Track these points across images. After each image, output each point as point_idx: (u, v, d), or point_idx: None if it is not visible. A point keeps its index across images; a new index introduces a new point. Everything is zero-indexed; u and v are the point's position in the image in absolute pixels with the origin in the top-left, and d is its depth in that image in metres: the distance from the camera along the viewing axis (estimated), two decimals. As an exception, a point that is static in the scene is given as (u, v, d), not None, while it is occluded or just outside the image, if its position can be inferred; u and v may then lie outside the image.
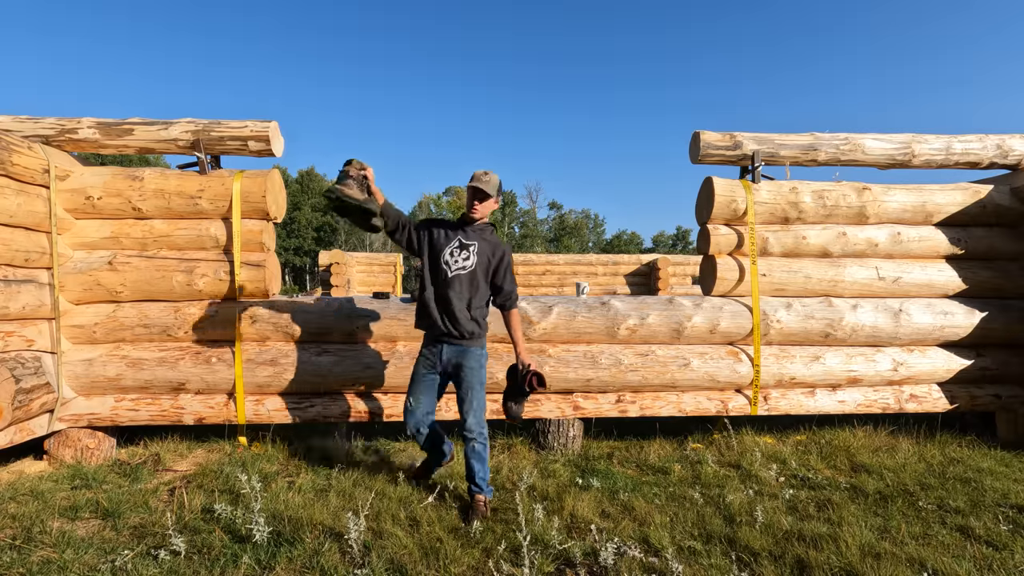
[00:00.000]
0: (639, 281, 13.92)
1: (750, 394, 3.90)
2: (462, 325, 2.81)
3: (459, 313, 2.81)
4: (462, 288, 2.81)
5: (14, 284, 3.17)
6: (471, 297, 2.85)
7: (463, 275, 2.82)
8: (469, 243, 2.85)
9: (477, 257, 2.84)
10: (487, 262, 2.88)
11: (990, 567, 2.30)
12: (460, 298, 2.81)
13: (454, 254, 2.83)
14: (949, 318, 3.98)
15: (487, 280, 2.90)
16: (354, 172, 2.73)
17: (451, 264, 2.82)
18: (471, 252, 2.84)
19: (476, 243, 2.85)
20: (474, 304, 2.85)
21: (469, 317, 2.84)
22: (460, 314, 2.81)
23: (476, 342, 2.90)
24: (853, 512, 2.82)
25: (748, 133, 4.00)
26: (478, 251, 2.85)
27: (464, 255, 2.83)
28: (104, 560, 2.31)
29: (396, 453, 3.73)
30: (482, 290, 2.88)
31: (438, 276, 2.84)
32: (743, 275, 3.96)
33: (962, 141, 4.13)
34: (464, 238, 2.86)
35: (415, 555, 2.37)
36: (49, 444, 3.54)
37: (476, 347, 2.90)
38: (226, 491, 3.03)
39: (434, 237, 2.88)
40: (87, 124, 3.61)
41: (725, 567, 2.30)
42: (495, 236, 2.98)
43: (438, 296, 2.84)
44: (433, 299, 2.85)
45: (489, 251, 2.89)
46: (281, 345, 3.71)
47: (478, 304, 2.87)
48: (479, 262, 2.84)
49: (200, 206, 3.64)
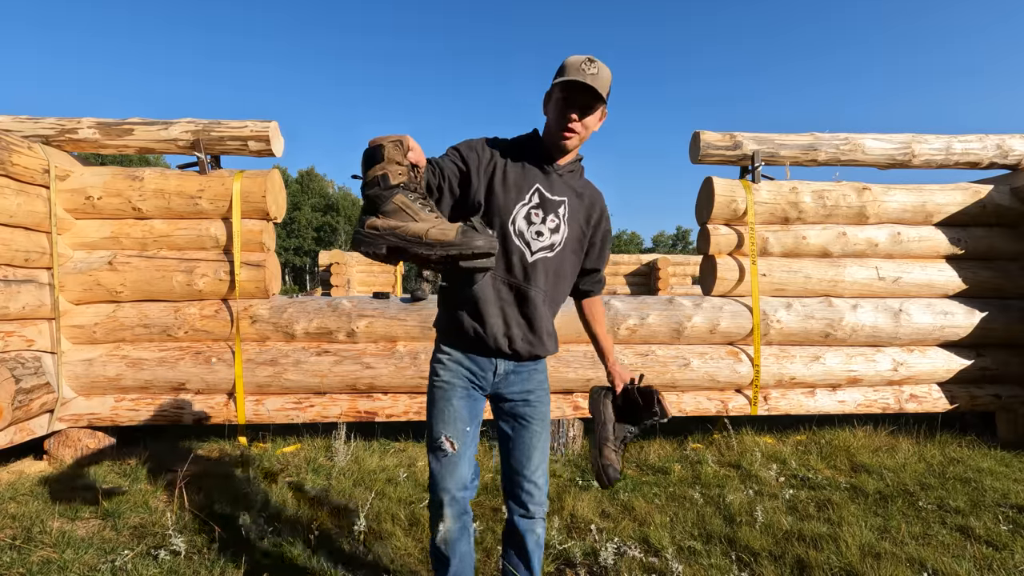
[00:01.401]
0: (639, 281, 13.93)
1: (750, 394, 3.90)
2: (544, 342, 1.68)
3: (541, 322, 1.66)
4: (546, 280, 1.65)
5: (14, 284, 3.17)
6: (555, 295, 1.71)
7: (549, 259, 1.64)
8: (556, 200, 1.63)
9: (568, 227, 1.66)
10: (580, 233, 1.70)
11: (990, 567, 2.30)
12: (543, 297, 1.65)
13: (533, 221, 1.60)
14: (949, 318, 3.98)
15: (579, 262, 1.76)
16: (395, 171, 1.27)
17: (530, 240, 1.61)
18: (560, 218, 1.64)
19: (566, 199, 1.65)
20: (557, 303, 1.74)
21: (550, 330, 1.72)
22: (542, 323, 1.66)
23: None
24: (853, 512, 2.82)
25: (748, 133, 4.00)
26: (569, 215, 1.66)
27: (552, 222, 1.62)
28: (104, 560, 2.31)
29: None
30: (570, 280, 1.77)
31: (508, 259, 1.61)
32: (743, 275, 3.96)
33: (962, 141, 4.13)
34: (547, 189, 1.63)
35: (415, 555, 2.37)
36: (49, 444, 3.54)
37: (544, 363, 1.80)
38: (226, 491, 3.03)
39: (494, 188, 1.60)
40: (87, 124, 3.61)
41: (725, 567, 2.30)
42: (590, 183, 1.77)
43: (507, 293, 1.62)
44: (493, 299, 1.61)
45: (584, 213, 1.71)
46: (281, 345, 3.71)
47: (559, 301, 1.75)
48: (570, 235, 1.66)
49: (200, 206, 3.64)
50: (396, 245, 1.24)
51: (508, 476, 1.73)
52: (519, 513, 1.71)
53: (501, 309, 1.62)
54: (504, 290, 1.61)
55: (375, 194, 1.27)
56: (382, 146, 1.26)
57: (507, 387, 1.69)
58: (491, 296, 1.61)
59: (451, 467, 1.61)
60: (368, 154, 1.29)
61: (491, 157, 1.61)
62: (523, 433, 1.70)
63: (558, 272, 1.67)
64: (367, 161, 1.29)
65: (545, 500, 1.74)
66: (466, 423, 1.64)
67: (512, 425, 1.71)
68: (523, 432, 1.70)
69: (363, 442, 3.82)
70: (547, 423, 1.74)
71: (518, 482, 1.70)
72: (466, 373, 1.66)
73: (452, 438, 1.61)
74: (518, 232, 1.60)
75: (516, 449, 1.70)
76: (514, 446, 1.70)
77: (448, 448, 1.60)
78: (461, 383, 1.66)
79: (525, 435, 1.70)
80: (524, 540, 1.71)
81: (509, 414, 1.71)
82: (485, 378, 1.67)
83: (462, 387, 1.65)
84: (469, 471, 1.64)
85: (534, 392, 1.72)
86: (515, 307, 1.63)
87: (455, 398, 1.64)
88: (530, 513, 1.70)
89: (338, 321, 3.69)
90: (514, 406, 1.70)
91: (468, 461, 1.64)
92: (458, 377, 1.66)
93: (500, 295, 1.61)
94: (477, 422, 1.69)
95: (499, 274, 1.61)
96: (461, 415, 1.63)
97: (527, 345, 1.65)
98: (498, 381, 1.68)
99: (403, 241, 1.23)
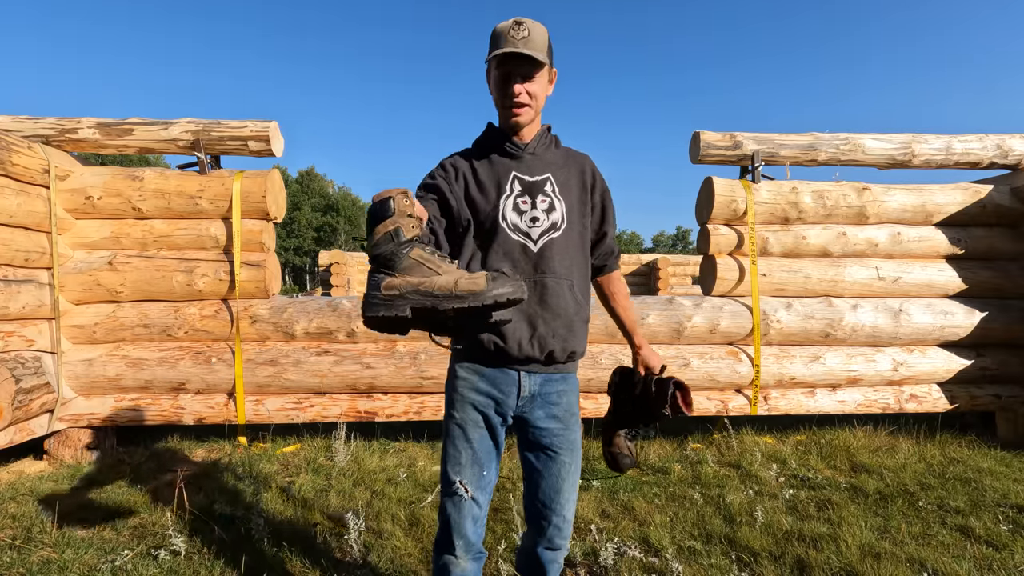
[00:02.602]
0: (639, 281, 13.94)
1: (750, 394, 3.90)
2: (575, 334, 1.50)
3: (566, 311, 1.47)
4: (562, 263, 1.49)
5: (14, 284, 3.17)
6: (579, 275, 1.54)
7: (557, 239, 1.48)
8: (538, 180, 1.51)
9: (563, 200, 1.52)
10: (579, 200, 1.57)
11: (990, 567, 2.30)
12: (566, 284, 1.48)
13: (523, 209, 1.48)
14: (949, 318, 3.98)
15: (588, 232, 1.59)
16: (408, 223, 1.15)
17: (528, 229, 1.47)
18: (551, 195, 1.50)
19: (549, 174, 1.52)
20: (581, 284, 1.55)
21: (580, 313, 1.52)
22: (571, 312, 1.48)
23: (576, 362, 1.59)
24: (853, 512, 2.82)
25: (748, 133, 4.00)
26: (559, 188, 1.52)
27: (543, 203, 1.49)
28: (104, 560, 2.31)
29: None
30: (587, 254, 1.59)
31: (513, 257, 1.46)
32: (743, 275, 3.96)
33: (962, 141, 4.13)
34: (525, 173, 1.51)
35: (415, 555, 2.37)
36: (49, 444, 3.54)
37: (575, 371, 1.60)
38: (226, 491, 3.03)
39: (471, 195, 1.50)
40: (87, 124, 3.61)
41: (725, 567, 2.30)
42: (567, 148, 1.64)
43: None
44: None
45: (576, 179, 1.57)
46: (281, 345, 3.71)
47: (583, 285, 1.56)
48: (569, 205, 1.53)
49: (200, 206, 3.64)
50: (422, 304, 1.10)
51: (533, 508, 1.54)
52: (543, 545, 1.56)
53: (520, 311, 1.42)
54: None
55: (389, 251, 1.13)
56: (391, 199, 1.14)
57: (532, 411, 1.49)
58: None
59: (466, 511, 1.46)
60: (374, 210, 1.15)
61: (456, 171, 1.52)
62: (551, 466, 1.51)
63: (571, 249, 1.51)
64: (374, 218, 1.15)
65: (570, 531, 1.57)
66: (482, 467, 1.47)
67: (538, 455, 1.52)
68: (551, 464, 1.51)
69: (363, 442, 3.82)
70: (578, 452, 1.54)
71: (545, 516, 1.52)
72: (484, 401, 1.47)
73: (467, 484, 1.46)
74: (512, 226, 1.46)
75: (544, 482, 1.51)
76: (541, 479, 1.51)
77: (464, 494, 1.46)
78: (478, 418, 1.47)
79: (553, 467, 1.50)
80: (546, 571, 1.59)
81: (535, 443, 1.51)
82: (507, 403, 1.47)
83: (480, 424, 1.48)
84: (484, 511, 1.51)
85: (563, 418, 1.51)
86: (537, 303, 1.44)
87: (473, 439, 1.47)
88: (556, 546, 1.55)
89: (338, 321, 3.69)
90: (541, 434, 1.50)
91: (484, 504, 1.50)
92: (475, 411, 1.47)
93: None
94: (497, 459, 1.52)
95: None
96: (478, 459, 1.47)
97: (560, 341, 1.45)
98: (523, 404, 1.48)
99: (431, 298, 1.10)
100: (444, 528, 1.49)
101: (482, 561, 1.56)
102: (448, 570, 1.49)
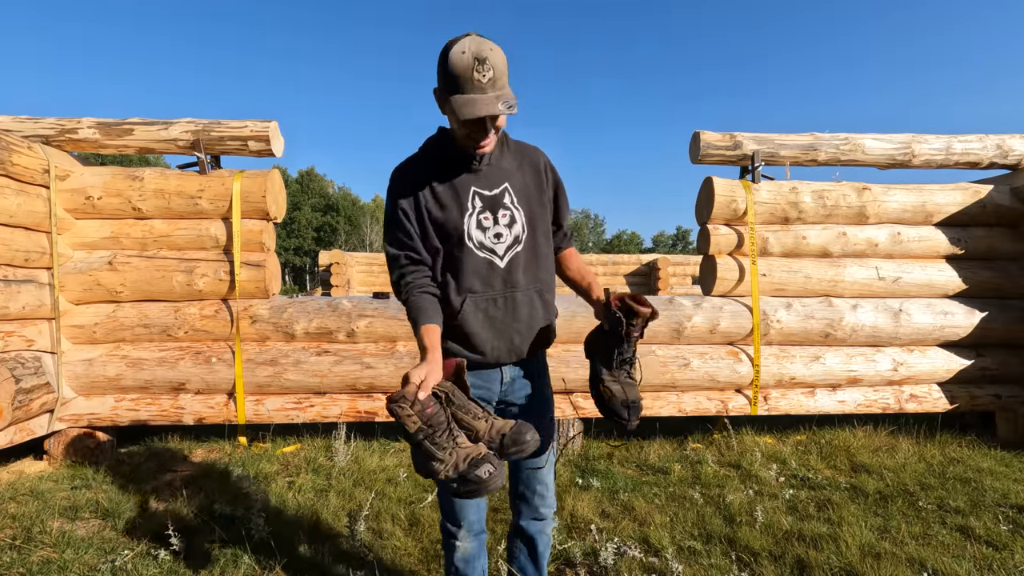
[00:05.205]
0: (639, 281, 13.93)
1: (750, 394, 3.90)
2: (547, 332, 1.63)
3: (537, 319, 1.58)
4: (526, 273, 1.55)
5: (14, 284, 3.17)
6: (544, 277, 1.61)
7: (520, 252, 1.53)
8: (497, 193, 1.51)
9: (523, 209, 1.54)
10: (538, 202, 1.59)
11: (990, 567, 2.30)
12: (533, 294, 1.57)
13: (486, 226, 1.50)
14: (949, 318, 3.98)
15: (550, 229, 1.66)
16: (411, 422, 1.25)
17: (493, 246, 1.51)
18: (510, 206, 1.52)
19: (506, 183, 1.53)
20: (548, 285, 1.63)
21: (549, 315, 1.62)
22: (537, 321, 1.58)
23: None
24: (853, 512, 2.82)
25: (748, 133, 4.00)
26: (517, 196, 1.54)
27: (504, 217, 1.51)
28: (104, 560, 2.31)
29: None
30: (550, 253, 1.66)
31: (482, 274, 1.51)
32: (743, 275, 3.96)
33: (962, 141, 4.13)
34: (484, 187, 1.51)
35: (415, 555, 2.37)
36: (49, 444, 3.54)
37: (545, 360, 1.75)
38: (226, 491, 3.03)
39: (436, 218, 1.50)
40: (87, 124, 3.61)
41: (725, 567, 2.30)
42: (518, 144, 1.63)
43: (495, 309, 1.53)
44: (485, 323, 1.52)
45: (532, 180, 1.59)
46: (281, 345, 3.71)
47: (550, 281, 1.65)
48: (529, 214, 1.55)
49: (200, 206, 3.65)
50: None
51: (515, 475, 1.68)
52: (530, 516, 1.68)
53: (496, 329, 1.53)
54: (492, 308, 1.52)
55: (417, 441, 1.28)
56: (391, 410, 1.27)
57: (513, 393, 1.64)
58: (482, 321, 1.52)
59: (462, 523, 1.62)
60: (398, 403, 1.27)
61: (413, 199, 1.49)
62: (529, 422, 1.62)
63: (536, 257, 1.57)
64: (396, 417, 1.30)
65: (554, 499, 1.70)
66: None
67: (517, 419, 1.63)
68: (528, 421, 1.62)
69: (363, 442, 3.82)
70: (553, 415, 1.70)
71: (527, 482, 1.65)
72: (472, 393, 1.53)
73: None
74: (478, 244, 1.49)
75: None
76: None
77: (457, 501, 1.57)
78: None
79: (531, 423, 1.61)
80: (535, 543, 1.70)
81: (516, 417, 1.61)
82: (492, 390, 1.60)
83: None
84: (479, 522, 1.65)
85: (538, 390, 1.66)
86: (510, 317, 1.53)
87: None
88: (541, 515, 1.68)
89: (338, 321, 3.69)
90: (519, 408, 1.64)
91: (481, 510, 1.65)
92: None
93: (489, 315, 1.52)
94: None
95: (480, 294, 1.50)
96: None
97: (535, 346, 1.60)
98: (505, 389, 1.62)
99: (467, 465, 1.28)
100: (446, 513, 1.64)
101: (484, 537, 1.70)
102: (454, 548, 1.64)
